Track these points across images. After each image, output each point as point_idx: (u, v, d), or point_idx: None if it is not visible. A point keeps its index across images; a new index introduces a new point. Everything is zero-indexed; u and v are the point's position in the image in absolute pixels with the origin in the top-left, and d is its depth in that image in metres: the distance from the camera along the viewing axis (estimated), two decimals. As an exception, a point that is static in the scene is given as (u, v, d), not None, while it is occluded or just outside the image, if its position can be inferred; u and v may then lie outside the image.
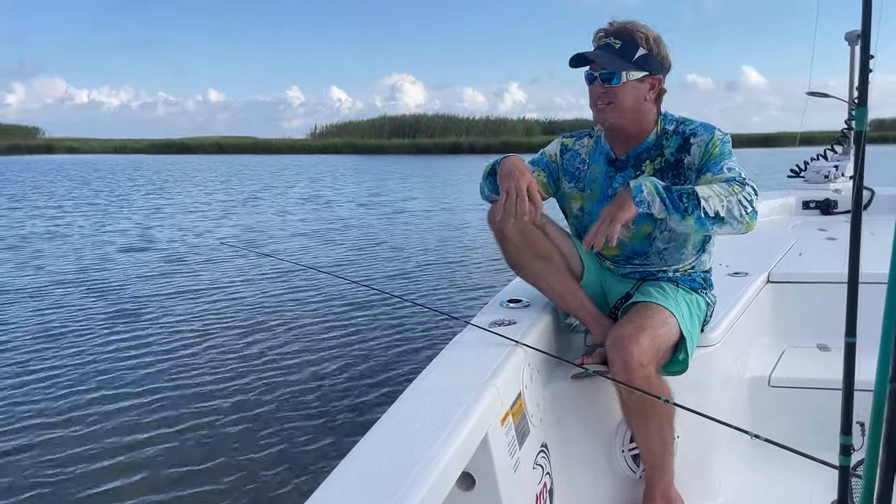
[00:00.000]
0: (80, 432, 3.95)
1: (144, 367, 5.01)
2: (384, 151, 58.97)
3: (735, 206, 1.81)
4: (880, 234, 3.77)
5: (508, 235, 2.07)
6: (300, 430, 3.95)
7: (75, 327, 6.05)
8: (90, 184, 25.80)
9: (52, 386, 4.63)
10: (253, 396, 4.44)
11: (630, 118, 2.03)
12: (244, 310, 6.71)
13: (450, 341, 1.95)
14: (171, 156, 57.19)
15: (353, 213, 15.22)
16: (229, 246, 10.00)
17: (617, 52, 1.98)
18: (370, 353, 5.29)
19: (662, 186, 1.82)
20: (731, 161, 1.95)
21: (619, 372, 1.87)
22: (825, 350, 2.70)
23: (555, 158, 2.26)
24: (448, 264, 9.05)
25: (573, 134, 2.28)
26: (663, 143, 2.06)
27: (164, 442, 3.83)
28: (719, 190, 1.83)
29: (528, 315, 2.12)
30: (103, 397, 4.45)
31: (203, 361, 5.14)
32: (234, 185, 25.19)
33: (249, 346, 5.51)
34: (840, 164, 4.98)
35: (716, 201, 1.79)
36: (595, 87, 2.01)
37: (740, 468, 2.27)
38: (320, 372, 4.91)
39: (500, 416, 1.67)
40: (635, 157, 2.09)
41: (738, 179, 1.87)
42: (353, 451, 1.36)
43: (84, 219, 14.54)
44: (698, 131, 2.02)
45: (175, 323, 6.17)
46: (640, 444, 2.02)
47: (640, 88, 2.00)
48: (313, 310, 6.62)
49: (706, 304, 2.18)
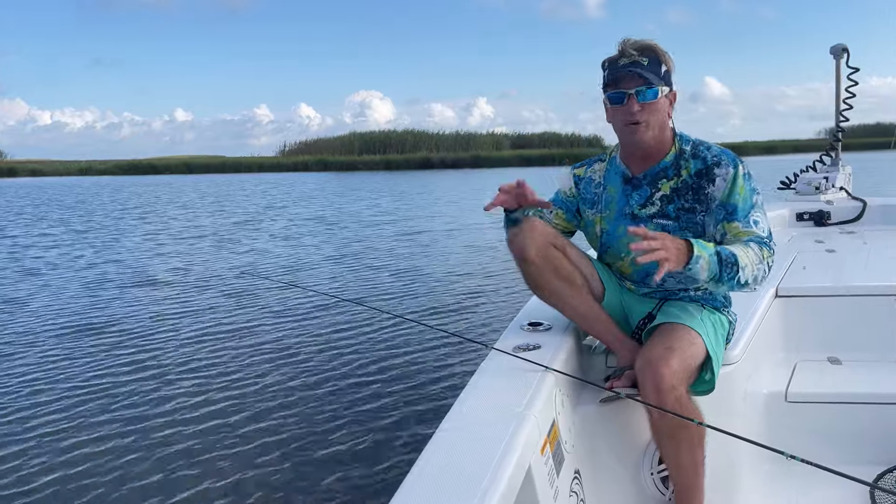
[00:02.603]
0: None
1: (167, 404, 4.80)
2: (354, 168, 58.85)
3: (760, 274, 1.91)
4: (875, 246, 3.85)
5: (529, 257, 2.05)
6: (326, 466, 3.79)
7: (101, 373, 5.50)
8: (75, 208, 24.52)
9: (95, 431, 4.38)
10: (267, 436, 4.25)
11: (658, 136, 2.04)
12: (232, 330, 6.58)
13: (477, 368, 1.91)
14: (148, 177, 56.15)
15: (358, 234, 14.90)
16: (249, 275, 9.62)
17: (648, 68, 1.97)
18: (391, 380, 5.11)
19: (717, 259, 1.82)
20: (759, 213, 1.99)
21: (651, 394, 1.85)
22: (836, 363, 2.71)
23: (570, 192, 2.26)
24: (463, 285, 8.85)
25: (582, 163, 2.28)
26: (681, 163, 2.06)
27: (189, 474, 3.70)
28: (754, 258, 1.89)
29: (552, 338, 2.09)
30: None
31: (214, 388, 5.00)
32: (226, 206, 24.11)
33: (248, 378, 5.30)
34: (830, 176, 5.05)
35: (749, 271, 1.87)
36: (628, 105, 1.98)
37: (766, 486, 2.25)
38: (333, 399, 4.75)
39: (540, 446, 1.63)
40: (653, 175, 2.08)
41: (766, 243, 1.95)
42: (402, 491, 1.31)
43: (87, 248, 13.11)
44: (721, 160, 2.01)
45: (189, 359, 5.87)
46: (671, 466, 1.99)
47: (666, 104, 2.02)
48: (326, 335, 6.46)
49: (728, 323, 2.17)
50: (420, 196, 26.81)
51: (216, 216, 19.84)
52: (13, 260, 11.99)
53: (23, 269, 11.02)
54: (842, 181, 5.10)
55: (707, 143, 2.09)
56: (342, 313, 7.20)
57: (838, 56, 5.04)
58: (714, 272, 1.82)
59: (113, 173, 63.36)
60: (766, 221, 2.00)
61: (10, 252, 13.12)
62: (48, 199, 31.40)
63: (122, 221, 18.90)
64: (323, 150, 69.62)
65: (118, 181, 49.83)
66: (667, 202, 2.06)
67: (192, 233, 15.66)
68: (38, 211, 23.88)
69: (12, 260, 11.97)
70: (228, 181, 44.96)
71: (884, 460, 2.32)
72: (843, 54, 5.00)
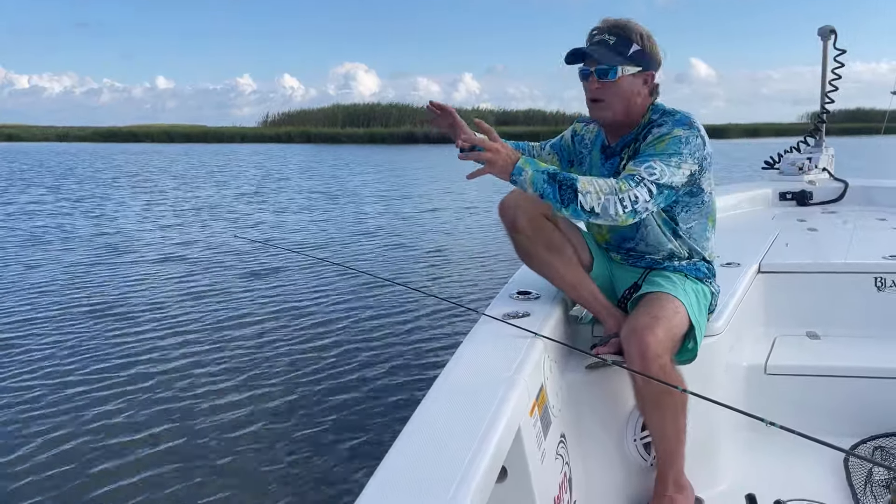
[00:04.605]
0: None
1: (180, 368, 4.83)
2: (338, 141, 58.34)
3: (612, 205, 1.83)
4: (855, 226, 3.92)
5: (520, 226, 2.08)
6: (321, 430, 3.85)
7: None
8: (69, 175, 23.69)
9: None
10: (262, 398, 4.31)
11: (623, 113, 2.05)
12: (241, 300, 6.61)
13: (467, 334, 1.94)
14: (130, 144, 55.05)
15: (353, 203, 14.94)
16: (244, 240, 9.52)
17: (612, 47, 2.00)
18: (381, 344, 5.21)
19: (547, 177, 1.82)
20: (663, 161, 1.90)
21: (636, 362, 1.89)
22: (814, 338, 2.78)
23: (567, 143, 2.33)
24: (453, 254, 8.98)
25: (585, 119, 2.31)
26: (642, 132, 2.06)
27: (182, 437, 3.75)
28: (602, 186, 1.84)
29: (541, 306, 2.13)
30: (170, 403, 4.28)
31: (213, 358, 5.00)
32: (220, 177, 23.52)
33: (244, 343, 5.36)
34: (813, 157, 5.10)
35: (593, 198, 1.82)
36: (591, 82, 2.02)
37: (745, 454, 2.32)
38: (327, 365, 4.81)
39: (528, 409, 1.67)
40: (622, 144, 2.12)
41: (636, 178, 1.87)
42: (393, 451, 1.34)
43: (84, 218, 12.83)
44: (666, 123, 2.00)
45: (187, 321, 5.93)
46: (654, 432, 2.04)
47: (634, 83, 2.02)
48: (324, 299, 6.51)
49: (711, 294, 2.22)
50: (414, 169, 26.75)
51: (219, 187, 19.50)
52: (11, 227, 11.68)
53: (27, 235, 10.74)
54: (825, 162, 5.16)
55: (674, 111, 2.05)
56: (335, 278, 7.28)
57: (826, 38, 5.07)
58: (541, 189, 1.81)
59: (92, 140, 62.18)
60: (666, 173, 1.88)
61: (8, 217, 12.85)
62: (37, 164, 30.68)
63: (119, 191, 18.30)
64: (306, 121, 68.83)
65: (105, 148, 48.85)
66: None
67: (192, 203, 15.34)
68: (33, 177, 23.22)
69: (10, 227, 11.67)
70: (217, 151, 44.34)
71: (858, 432, 2.39)
72: (831, 36, 5.03)
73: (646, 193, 1.87)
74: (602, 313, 2.15)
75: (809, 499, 2.03)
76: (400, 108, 69.01)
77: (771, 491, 1.89)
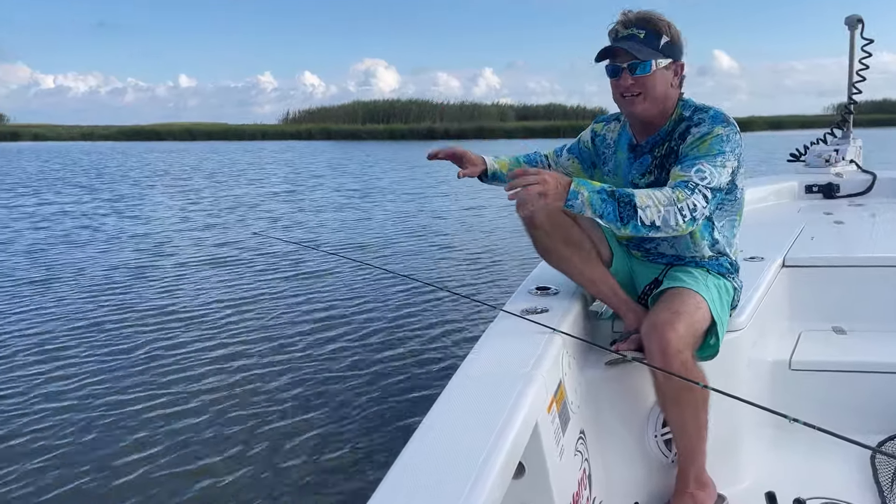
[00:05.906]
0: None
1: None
2: (358, 137, 58.42)
3: (672, 216, 1.80)
4: (883, 219, 3.85)
5: (538, 222, 2.06)
6: (339, 420, 3.90)
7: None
8: (103, 175, 23.54)
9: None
10: (281, 391, 4.35)
11: (660, 107, 2.02)
12: (258, 294, 6.68)
13: (485, 329, 1.93)
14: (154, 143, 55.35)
15: (376, 200, 14.92)
16: (264, 237, 9.63)
17: (644, 41, 1.96)
18: (398, 340, 5.25)
19: (606, 195, 1.76)
20: (710, 163, 1.88)
21: (657, 358, 1.87)
22: (841, 333, 2.73)
23: (587, 145, 2.29)
24: (472, 250, 8.96)
25: (603, 118, 2.29)
26: (675, 129, 2.04)
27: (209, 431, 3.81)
28: (661, 198, 1.80)
29: (560, 302, 2.11)
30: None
31: (228, 354, 5.07)
32: (252, 175, 23.07)
33: (263, 339, 5.41)
34: (840, 148, 5.00)
35: (653, 212, 1.78)
36: (623, 79, 1.98)
37: (769, 451, 2.29)
38: (345, 357, 4.87)
39: (546, 405, 1.66)
40: (653, 143, 2.08)
41: (690, 185, 1.84)
42: (409, 446, 1.34)
43: (118, 219, 12.52)
44: (704, 121, 1.97)
45: (213, 318, 5.96)
46: (675, 429, 2.02)
47: (666, 76, 1.99)
48: (344, 297, 6.54)
49: (733, 289, 2.19)
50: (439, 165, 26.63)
51: (253, 185, 19.42)
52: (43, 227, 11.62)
53: (68, 236, 10.69)
54: (852, 154, 5.07)
55: (709, 107, 2.02)
56: (353, 274, 7.34)
57: (853, 27, 4.96)
58: (600, 209, 1.75)
59: (116, 139, 62.76)
60: (715, 175, 1.86)
61: (43, 217, 12.89)
62: (70, 162, 30.82)
63: (154, 190, 18.05)
64: (326, 118, 69.04)
65: (130, 146, 49.11)
66: (659, 169, 2.06)
67: (227, 203, 15.14)
68: (66, 175, 23.22)
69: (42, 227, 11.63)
70: (244, 148, 44.46)
71: (885, 429, 2.35)
72: (858, 25, 4.93)
73: (702, 199, 1.84)
74: (622, 309, 2.13)
75: (835, 497, 2.00)
76: (419, 104, 68.99)
77: (795, 489, 1.87)
